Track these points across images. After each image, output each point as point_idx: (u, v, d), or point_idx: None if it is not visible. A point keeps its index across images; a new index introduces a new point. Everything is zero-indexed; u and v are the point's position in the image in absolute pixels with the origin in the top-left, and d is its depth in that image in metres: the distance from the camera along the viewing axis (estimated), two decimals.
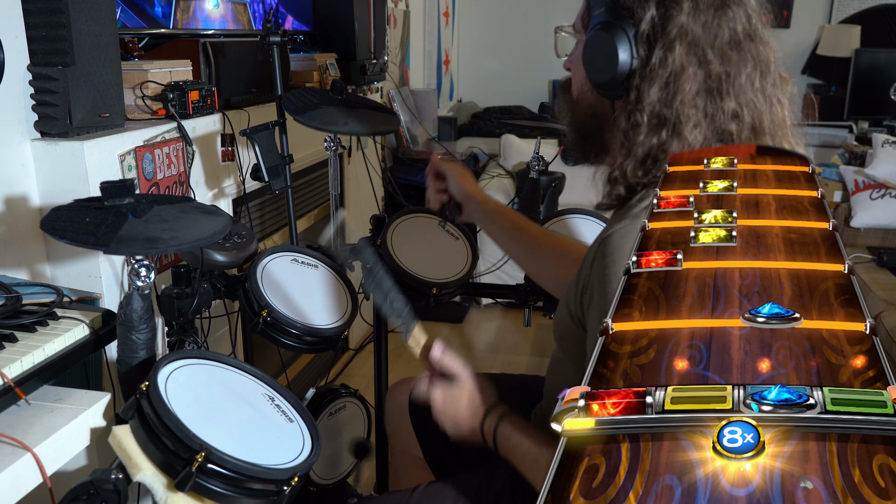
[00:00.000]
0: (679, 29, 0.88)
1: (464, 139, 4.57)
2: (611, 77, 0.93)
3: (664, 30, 0.89)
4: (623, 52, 0.91)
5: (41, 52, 1.32)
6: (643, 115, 0.91)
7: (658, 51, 0.89)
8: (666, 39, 0.89)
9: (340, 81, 1.76)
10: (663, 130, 0.90)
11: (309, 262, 1.50)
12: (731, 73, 0.90)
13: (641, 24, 0.90)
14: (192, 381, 0.98)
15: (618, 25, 0.91)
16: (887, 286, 2.75)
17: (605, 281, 0.87)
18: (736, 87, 0.90)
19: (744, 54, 0.91)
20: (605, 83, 0.95)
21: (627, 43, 0.91)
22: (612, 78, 0.93)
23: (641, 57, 0.91)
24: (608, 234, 0.90)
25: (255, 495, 0.90)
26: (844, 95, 4.46)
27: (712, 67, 0.89)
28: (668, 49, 0.89)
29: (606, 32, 0.92)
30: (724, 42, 0.90)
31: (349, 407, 1.65)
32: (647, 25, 0.90)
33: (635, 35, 0.91)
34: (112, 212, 0.98)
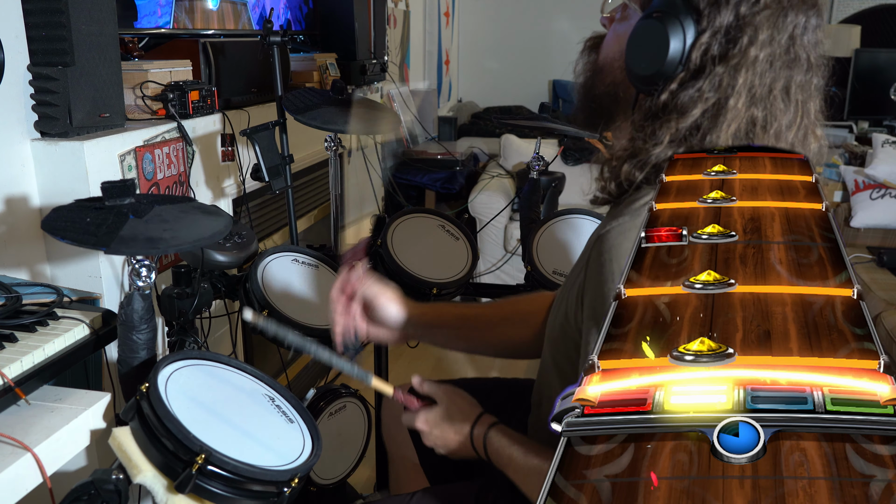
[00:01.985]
0: (745, 57, 0.81)
1: (464, 139, 4.57)
2: (651, 74, 0.85)
3: (727, 51, 0.82)
4: (674, 51, 0.82)
5: (41, 52, 1.32)
6: (668, 131, 0.84)
7: (717, 71, 0.82)
8: (728, 63, 0.82)
9: (340, 81, 1.76)
10: (676, 147, 0.85)
11: (309, 262, 1.50)
12: (769, 121, 0.84)
13: (707, 31, 0.82)
14: (192, 381, 0.98)
15: (679, 21, 0.82)
16: (887, 286, 2.75)
17: (601, 280, 0.84)
18: (766, 138, 0.84)
19: (788, 104, 0.85)
20: (642, 77, 0.87)
21: (682, 44, 0.83)
22: (653, 76, 0.85)
23: (692, 66, 0.83)
24: (605, 230, 0.86)
25: (255, 497, 0.90)
26: (844, 95, 4.46)
27: (758, 113, 0.84)
28: (729, 75, 0.82)
29: (664, 25, 0.83)
30: (779, 87, 0.84)
31: (349, 407, 1.65)
32: (710, 36, 0.82)
33: (694, 40, 0.83)
34: (113, 212, 0.98)
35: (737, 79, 0.82)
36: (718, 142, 0.84)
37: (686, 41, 0.83)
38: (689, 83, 0.83)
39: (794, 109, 0.85)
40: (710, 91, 0.83)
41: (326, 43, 2.66)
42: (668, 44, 0.82)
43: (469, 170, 3.94)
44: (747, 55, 0.82)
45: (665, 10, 0.84)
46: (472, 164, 4.06)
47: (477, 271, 1.67)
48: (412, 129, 4.03)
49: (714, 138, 0.84)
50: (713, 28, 0.82)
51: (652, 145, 0.86)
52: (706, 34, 0.82)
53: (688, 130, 0.84)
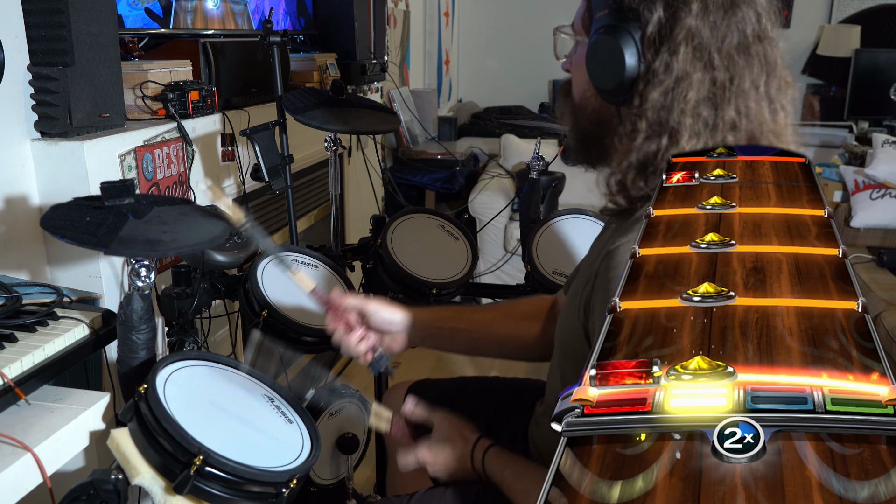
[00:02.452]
0: (686, 32, 0.84)
1: (464, 139, 4.57)
2: (617, 83, 0.88)
3: (671, 32, 0.85)
4: (630, 56, 0.86)
5: (41, 52, 1.32)
6: (643, 120, 0.87)
7: (663, 54, 0.85)
8: (672, 43, 0.85)
9: (340, 81, 1.76)
10: (663, 138, 0.87)
11: (309, 262, 1.50)
12: (734, 78, 0.86)
13: (648, 26, 0.86)
14: (191, 382, 0.98)
15: (623, 28, 0.86)
16: (887, 286, 2.74)
17: (609, 296, 0.85)
18: (738, 93, 0.86)
19: (750, 58, 0.87)
20: (612, 90, 0.90)
21: (634, 47, 0.86)
22: (619, 84, 0.88)
23: (648, 61, 0.87)
24: (614, 247, 0.87)
25: (253, 498, 0.90)
26: (844, 95, 4.45)
27: (717, 74, 0.86)
28: (672, 53, 0.85)
29: (611, 36, 0.87)
30: (731, 45, 0.86)
31: (349, 408, 1.65)
32: (653, 28, 0.86)
33: (642, 38, 0.86)
34: (112, 212, 0.98)
35: (679, 51, 0.85)
36: (685, 111, 0.85)
37: (636, 42, 0.86)
38: (651, 76, 0.87)
39: (757, 63, 0.87)
40: (663, 73, 0.86)
41: (326, 43, 2.66)
42: (622, 51, 0.86)
43: (469, 170, 3.94)
44: (684, 27, 0.84)
45: (607, 24, 0.88)
46: (472, 164, 4.06)
47: (477, 271, 1.67)
48: (412, 129, 4.03)
49: (680, 108, 0.85)
50: (653, 22, 0.85)
51: (633, 140, 0.88)
52: (649, 28, 0.86)
53: (655, 113, 0.87)
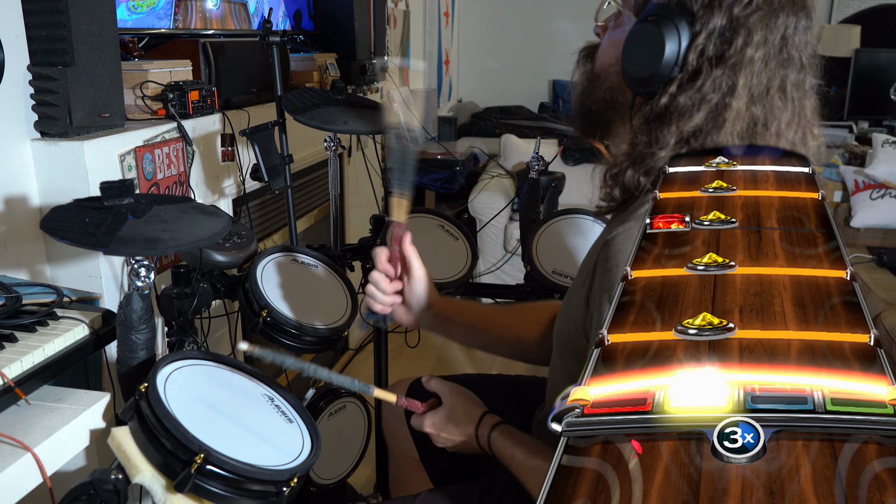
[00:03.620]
0: (742, 58, 0.83)
1: (464, 139, 4.57)
2: (648, 76, 0.86)
3: (723, 52, 0.83)
4: (670, 53, 0.84)
5: (41, 52, 1.32)
6: (672, 134, 0.85)
7: (716, 73, 0.83)
8: (726, 64, 0.83)
9: (340, 81, 1.76)
10: (677, 148, 0.85)
11: (309, 262, 1.50)
12: (772, 120, 0.85)
13: (701, 33, 0.83)
14: (191, 381, 0.98)
15: (674, 23, 0.83)
16: (887, 286, 2.75)
17: (607, 287, 0.85)
18: (768, 136, 0.85)
19: (786, 103, 0.86)
20: (638, 78, 0.88)
21: (677, 49, 0.84)
22: (649, 77, 0.86)
23: (689, 68, 0.84)
24: (611, 236, 0.87)
25: (254, 496, 0.90)
26: (844, 95, 4.45)
27: (758, 112, 0.85)
28: (727, 76, 0.83)
29: (659, 28, 0.84)
30: (775, 86, 0.85)
31: (349, 407, 1.65)
32: (705, 38, 0.83)
33: (690, 41, 0.84)
34: (112, 212, 0.98)
35: (736, 79, 0.83)
36: (722, 143, 0.84)
37: (681, 43, 0.84)
38: (688, 85, 0.85)
39: (791, 108, 0.87)
40: (711, 92, 0.84)
41: (326, 43, 2.66)
42: (664, 46, 0.84)
43: (469, 170, 3.94)
44: (744, 55, 0.83)
45: (660, 14, 0.85)
46: (472, 164, 4.06)
47: (477, 271, 1.67)
48: (412, 129, 4.02)
49: (717, 140, 0.85)
50: (707, 30, 0.83)
51: (658, 149, 0.86)
52: (701, 36, 0.84)
53: (691, 132, 0.85)
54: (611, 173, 0.92)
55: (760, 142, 0.85)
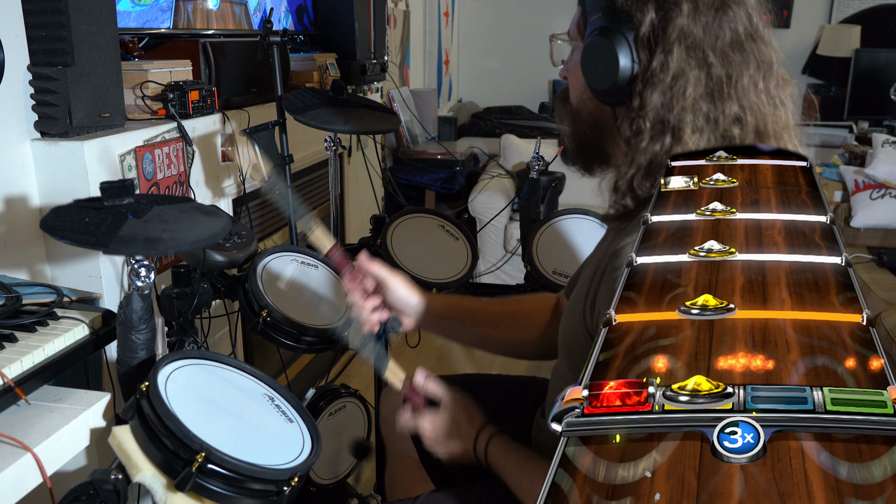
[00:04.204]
0: (679, 31, 0.86)
1: (464, 139, 4.57)
2: (612, 84, 0.90)
3: (664, 33, 0.87)
4: (623, 57, 0.88)
5: (41, 52, 1.32)
6: (646, 121, 0.88)
7: (658, 55, 0.87)
8: (666, 43, 0.87)
9: (340, 81, 1.76)
10: (666, 136, 0.88)
11: (309, 262, 1.50)
12: (733, 75, 0.88)
13: (641, 27, 0.88)
14: (191, 381, 0.98)
15: (616, 30, 0.88)
16: (887, 286, 2.74)
17: (612, 296, 0.86)
18: (738, 90, 0.88)
19: (746, 55, 0.89)
20: (606, 90, 0.92)
21: (628, 48, 0.88)
22: (614, 84, 0.90)
23: (643, 62, 0.88)
24: (620, 246, 0.88)
25: (254, 495, 0.90)
26: (844, 95, 4.46)
27: (714, 70, 0.87)
28: (667, 52, 0.87)
29: (605, 38, 0.89)
30: (725, 43, 0.88)
31: (349, 407, 1.65)
32: (646, 29, 0.87)
33: (635, 39, 0.88)
34: (112, 212, 0.98)
35: (674, 51, 0.87)
36: (686, 107, 0.87)
37: (630, 43, 0.88)
38: (646, 76, 0.88)
39: (753, 60, 0.89)
40: (661, 72, 0.87)
41: (326, 43, 2.66)
42: (615, 51, 0.88)
43: (469, 170, 3.94)
44: (680, 29, 0.86)
45: (601, 26, 0.90)
46: (472, 164, 4.06)
47: (477, 271, 1.67)
48: (412, 129, 4.03)
49: (680, 107, 0.87)
50: (645, 23, 0.87)
51: (639, 141, 0.89)
52: (642, 29, 0.88)
53: (658, 112, 0.88)
54: (620, 183, 0.94)
55: (726, 98, 0.88)
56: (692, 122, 0.87)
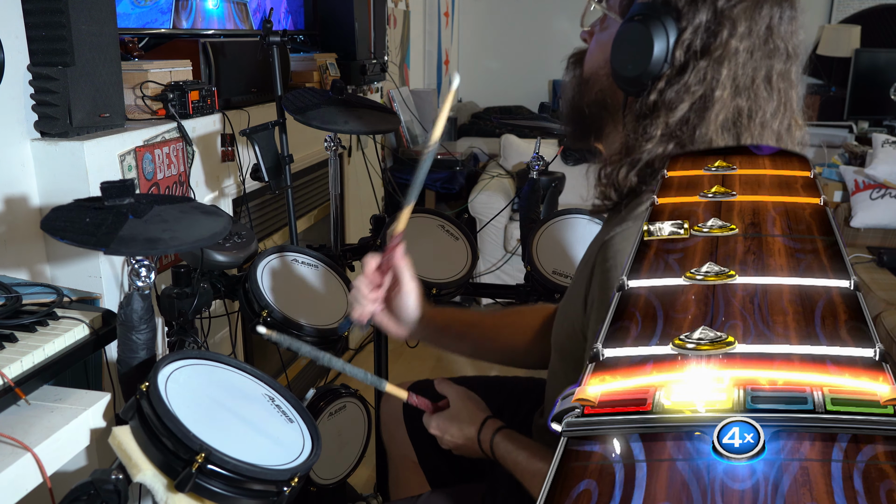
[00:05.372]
0: (726, 50, 0.83)
1: (464, 139, 4.57)
2: (637, 75, 0.87)
3: (710, 44, 0.84)
4: (659, 51, 0.84)
5: (41, 52, 1.32)
6: (658, 127, 0.86)
7: (701, 65, 0.84)
8: (711, 57, 0.84)
9: (340, 81, 1.76)
10: (671, 143, 0.86)
11: (309, 262, 1.50)
12: (757, 110, 0.86)
13: (687, 29, 0.84)
14: (192, 381, 0.98)
15: (660, 21, 0.84)
16: (887, 286, 2.75)
17: (606, 287, 0.84)
18: (758, 125, 0.86)
19: (771, 93, 0.87)
20: (629, 79, 0.88)
21: (665, 43, 0.84)
22: (639, 76, 0.87)
23: (676, 63, 0.85)
24: (609, 236, 0.86)
25: (255, 496, 0.90)
26: (844, 95, 4.45)
27: (741, 102, 0.85)
28: (712, 69, 0.84)
29: (646, 27, 0.85)
30: (761, 77, 0.86)
31: (349, 407, 1.65)
32: (691, 33, 0.84)
33: (677, 37, 0.84)
34: (112, 212, 0.98)
35: (720, 71, 0.84)
36: (707, 134, 0.85)
37: (669, 40, 0.85)
38: (675, 80, 0.86)
39: (776, 98, 0.87)
40: (696, 84, 0.85)
41: (326, 43, 2.66)
42: (652, 44, 0.85)
43: (469, 170, 3.94)
44: (728, 47, 0.84)
45: (646, 13, 0.86)
46: (472, 164, 4.06)
47: (477, 271, 1.67)
48: (412, 129, 4.03)
49: (703, 131, 0.85)
50: (693, 25, 0.84)
51: (644, 142, 0.87)
52: (687, 31, 0.85)
53: (677, 124, 0.86)
54: (605, 172, 0.92)
55: (745, 133, 0.86)
56: (704, 145, 0.85)
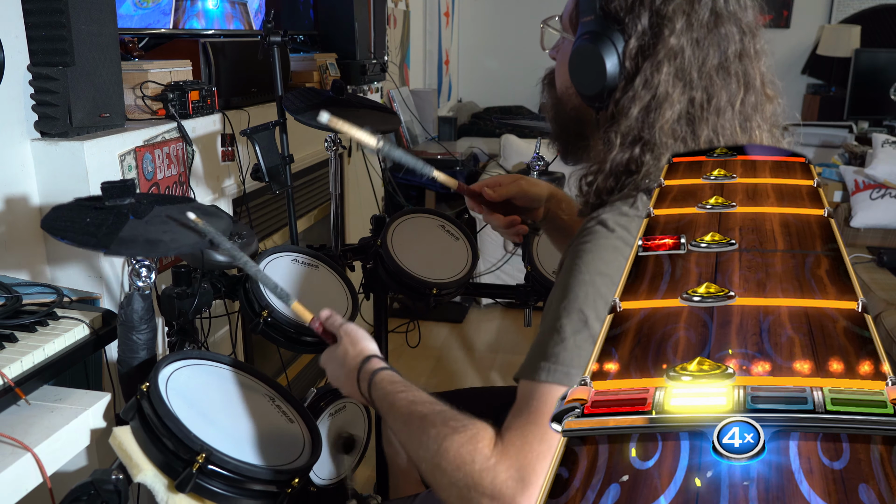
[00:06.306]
0: (668, 50, 0.85)
1: (464, 139, 4.57)
2: (597, 91, 0.90)
3: (654, 48, 0.85)
4: (611, 66, 0.87)
5: (41, 52, 1.32)
6: (618, 134, 0.88)
7: (644, 71, 0.86)
8: (654, 59, 0.85)
9: (340, 81, 1.76)
10: (635, 147, 0.87)
11: (309, 262, 1.50)
12: (712, 98, 0.86)
13: (632, 38, 0.86)
14: (192, 381, 0.98)
15: (607, 37, 0.87)
16: (887, 286, 2.75)
17: (573, 254, 0.82)
18: (713, 112, 0.86)
19: (729, 77, 0.87)
20: (591, 97, 0.92)
21: (616, 57, 0.87)
22: (599, 92, 0.90)
23: (628, 73, 0.87)
24: (591, 223, 0.85)
25: (255, 496, 0.90)
26: (844, 95, 4.46)
27: (696, 94, 0.86)
28: (654, 71, 0.85)
29: (595, 44, 0.88)
30: (712, 65, 0.86)
31: (349, 407, 1.65)
32: (636, 41, 0.86)
33: (624, 49, 0.87)
34: (113, 212, 0.98)
35: (662, 70, 0.85)
36: (665, 129, 0.86)
37: (618, 52, 0.87)
38: (628, 87, 0.87)
39: (735, 80, 0.87)
40: (642, 88, 0.86)
41: (326, 43, 2.66)
42: (603, 59, 0.87)
43: (469, 170, 3.94)
44: (667, 45, 0.85)
45: (592, 30, 0.89)
46: (472, 164, 4.06)
47: (477, 271, 1.67)
48: (412, 129, 4.03)
49: (659, 128, 0.86)
50: (637, 33, 0.86)
51: (608, 150, 0.89)
52: (632, 40, 0.86)
53: (633, 128, 0.87)
54: (586, 181, 0.94)
55: (699, 122, 0.86)
56: (665, 143, 0.86)
